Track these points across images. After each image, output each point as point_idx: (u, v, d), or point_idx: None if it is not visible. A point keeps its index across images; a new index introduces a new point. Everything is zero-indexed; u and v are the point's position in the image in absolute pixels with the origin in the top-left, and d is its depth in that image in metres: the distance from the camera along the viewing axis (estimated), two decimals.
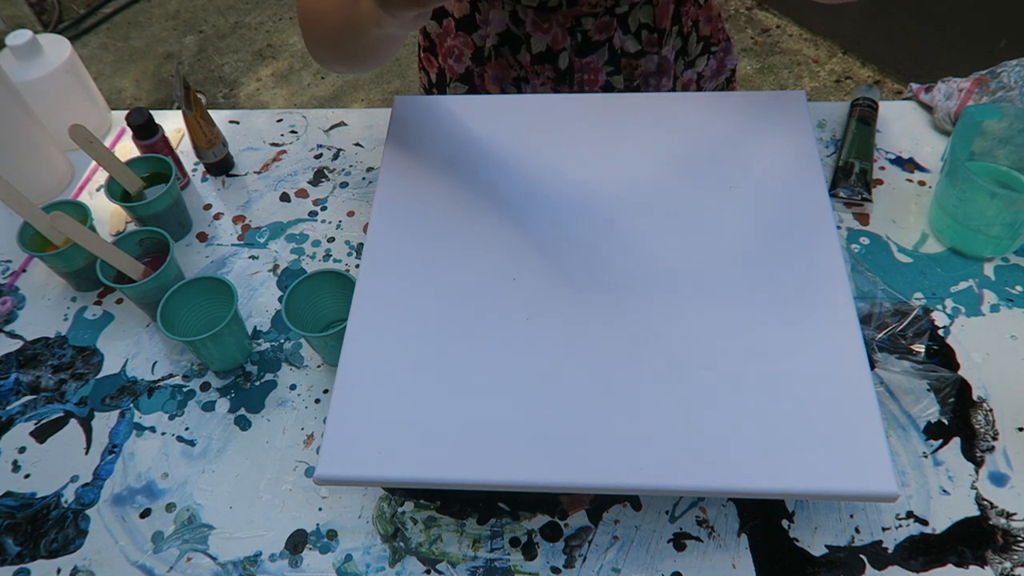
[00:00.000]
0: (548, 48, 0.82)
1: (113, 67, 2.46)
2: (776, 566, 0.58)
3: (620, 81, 0.85)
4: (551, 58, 0.82)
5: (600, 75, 0.84)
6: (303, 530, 0.62)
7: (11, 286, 0.81)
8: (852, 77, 2.12)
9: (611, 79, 0.84)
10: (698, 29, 0.87)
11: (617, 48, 0.82)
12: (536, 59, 0.83)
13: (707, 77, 0.92)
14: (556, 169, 0.67)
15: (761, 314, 0.56)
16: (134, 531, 0.63)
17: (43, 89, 0.87)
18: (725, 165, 0.66)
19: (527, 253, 0.61)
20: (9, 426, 0.70)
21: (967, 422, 0.64)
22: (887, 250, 0.75)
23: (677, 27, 0.84)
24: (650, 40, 0.82)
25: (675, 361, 0.55)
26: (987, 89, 0.81)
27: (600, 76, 0.84)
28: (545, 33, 0.80)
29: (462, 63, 0.87)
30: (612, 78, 0.84)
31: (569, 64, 0.83)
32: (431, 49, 0.90)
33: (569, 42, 0.81)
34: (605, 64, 0.83)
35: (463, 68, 0.88)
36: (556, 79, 0.85)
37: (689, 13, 0.85)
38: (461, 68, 0.88)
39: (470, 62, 0.87)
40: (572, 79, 0.84)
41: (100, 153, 0.77)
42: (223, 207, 0.87)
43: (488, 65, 0.85)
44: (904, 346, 0.65)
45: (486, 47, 0.84)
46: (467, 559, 0.60)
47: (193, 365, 0.73)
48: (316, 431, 0.67)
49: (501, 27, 0.81)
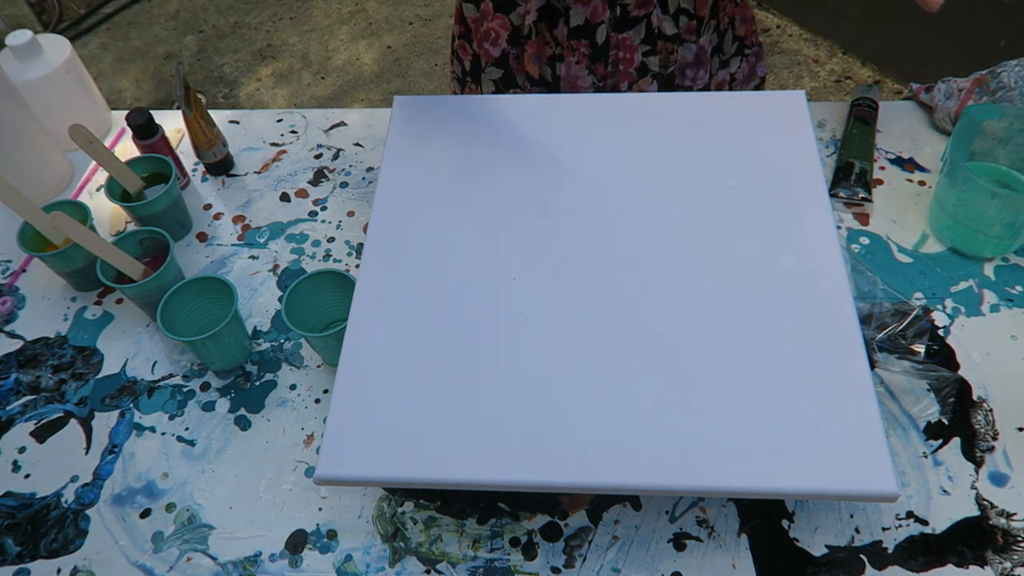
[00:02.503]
0: (587, 21, 0.81)
1: (113, 67, 2.46)
2: (776, 566, 0.58)
3: (655, 63, 0.84)
4: (588, 32, 0.82)
5: (636, 55, 0.83)
6: (303, 530, 0.62)
7: (11, 286, 0.81)
8: (852, 77, 2.12)
9: (647, 60, 0.84)
10: (734, 27, 0.88)
11: (655, 27, 0.82)
12: (573, 33, 0.83)
13: (739, 80, 0.92)
14: (556, 169, 0.67)
15: (761, 314, 0.56)
16: (134, 531, 0.63)
17: (43, 89, 0.87)
18: (725, 165, 0.66)
19: (527, 253, 0.61)
20: (9, 426, 0.70)
21: (967, 422, 0.64)
22: (887, 250, 0.75)
23: (715, 21, 0.85)
24: (688, 27, 0.82)
25: (675, 361, 0.55)
26: (987, 89, 0.81)
27: (636, 56, 0.83)
28: (585, 5, 0.80)
29: (498, 46, 0.88)
30: (648, 59, 0.84)
31: (606, 39, 0.83)
32: (466, 35, 0.91)
33: (608, 15, 0.81)
34: (641, 43, 0.83)
35: (499, 51, 0.88)
36: (592, 56, 0.84)
37: (726, 9, 0.85)
38: (497, 51, 0.88)
39: (506, 44, 0.87)
40: (607, 57, 0.84)
41: (100, 153, 0.77)
42: (223, 207, 0.87)
43: (528, 44, 0.86)
44: (904, 346, 0.65)
45: (525, 25, 0.84)
46: (467, 559, 0.60)
47: (193, 365, 0.73)
48: (316, 431, 0.67)
49: (541, 2, 0.82)
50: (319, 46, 2.46)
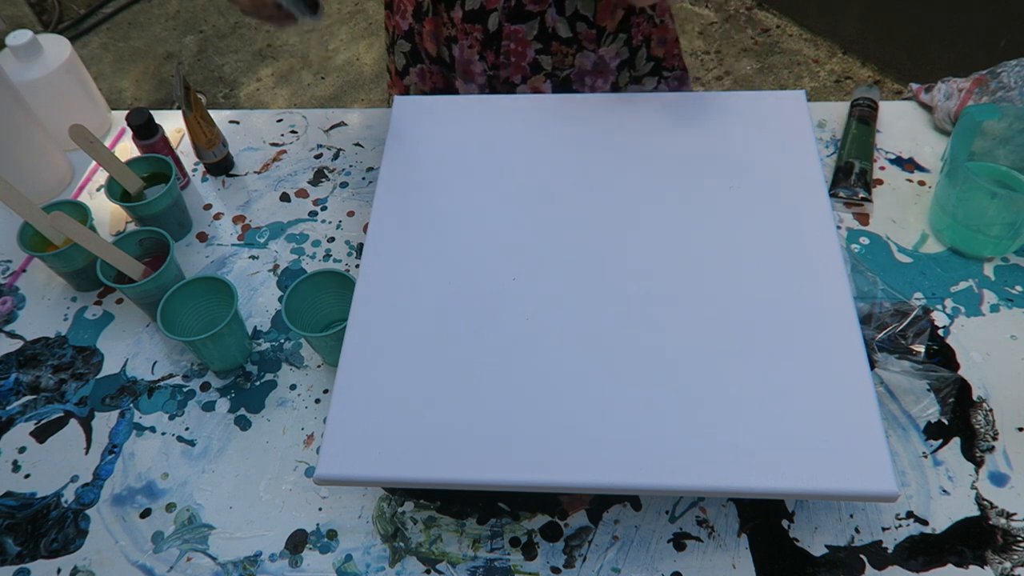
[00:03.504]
0: (481, 6, 0.82)
1: (113, 67, 2.46)
2: (776, 566, 0.58)
3: (549, 63, 0.85)
4: (481, 17, 0.83)
5: (528, 50, 0.84)
6: (303, 530, 0.62)
7: (11, 286, 0.81)
8: (852, 77, 2.12)
9: (539, 58, 0.84)
10: (649, 47, 0.88)
11: (549, 27, 0.82)
12: (467, 16, 0.83)
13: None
14: (556, 169, 0.67)
15: (761, 314, 0.56)
16: (134, 531, 0.63)
17: (43, 89, 0.87)
18: (725, 165, 0.66)
19: (527, 253, 0.61)
20: (9, 426, 0.70)
21: (967, 422, 0.64)
22: (887, 250, 0.75)
23: (625, 35, 0.85)
24: (587, 35, 0.83)
25: (675, 361, 0.55)
26: (987, 89, 0.81)
27: (528, 51, 0.84)
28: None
29: (406, 20, 0.88)
30: (540, 57, 0.84)
31: (498, 28, 0.83)
32: (390, 6, 0.92)
33: (502, 4, 0.81)
34: (535, 40, 0.83)
35: (407, 25, 0.89)
36: (484, 42, 0.85)
37: (641, 27, 0.86)
38: (405, 25, 0.89)
39: (411, 19, 0.88)
40: (500, 46, 0.84)
41: (100, 153, 0.77)
42: (223, 207, 0.87)
43: (426, 21, 0.86)
44: (904, 346, 0.65)
45: (424, 2, 0.85)
46: (467, 559, 0.60)
47: (193, 365, 0.73)
48: (316, 431, 0.67)
49: None
50: (319, 46, 2.46)
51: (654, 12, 0.87)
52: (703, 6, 2.40)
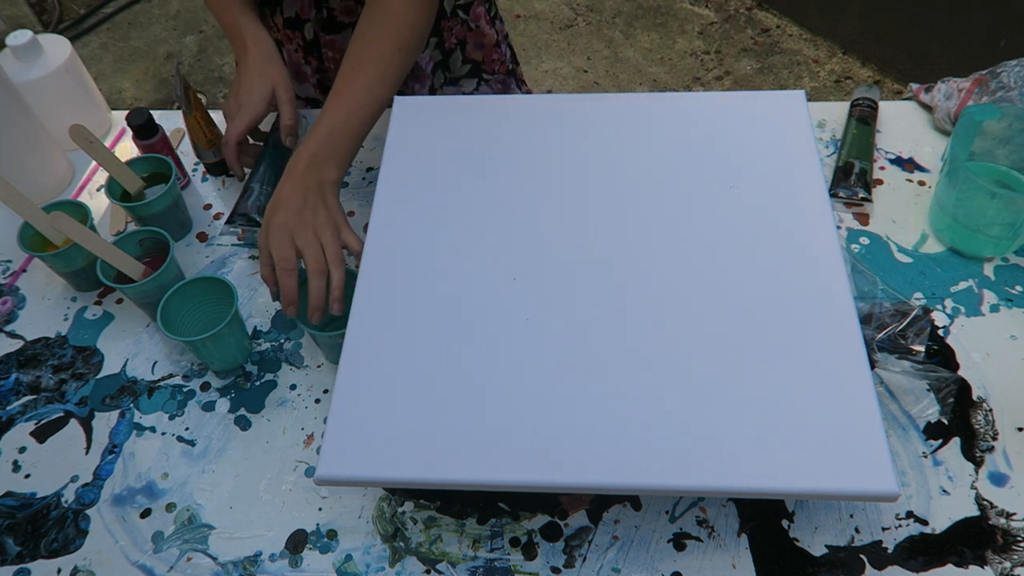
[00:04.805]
0: (297, 15, 0.83)
1: (113, 67, 2.46)
2: (776, 566, 0.58)
3: None
4: (298, 26, 0.84)
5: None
6: (303, 530, 0.62)
7: (11, 286, 0.81)
8: (852, 77, 2.12)
9: None
10: (464, 50, 0.90)
11: None
12: (287, 23, 0.85)
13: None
14: (556, 169, 0.67)
15: (761, 314, 0.56)
16: (134, 531, 0.63)
17: (43, 89, 0.87)
18: (725, 165, 0.66)
19: (527, 253, 0.61)
20: (9, 426, 0.70)
21: (967, 422, 0.64)
22: (887, 250, 0.75)
23: (436, 39, 0.87)
24: None
25: (675, 361, 0.55)
26: (987, 89, 0.81)
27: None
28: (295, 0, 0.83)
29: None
30: None
31: (315, 37, 0.84)
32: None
33: (315, 15, 0.82)
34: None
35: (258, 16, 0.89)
36: (305, 49, 0.86)
37: (454, 30, 0.87)
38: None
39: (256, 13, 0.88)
40: (320, 53, 0.86)
41: (100, 153, 0.77)
42: (223, 207, 0.87)
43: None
44: (904, 346, 0.65)
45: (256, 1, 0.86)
46: (467, 559, 0.60)
47: (193, 365, 0.73)
48: (316, 431, 0.67)
49: None
50: None
51: (468, 17, 0.89)
52: (703, 6, 2.40)
